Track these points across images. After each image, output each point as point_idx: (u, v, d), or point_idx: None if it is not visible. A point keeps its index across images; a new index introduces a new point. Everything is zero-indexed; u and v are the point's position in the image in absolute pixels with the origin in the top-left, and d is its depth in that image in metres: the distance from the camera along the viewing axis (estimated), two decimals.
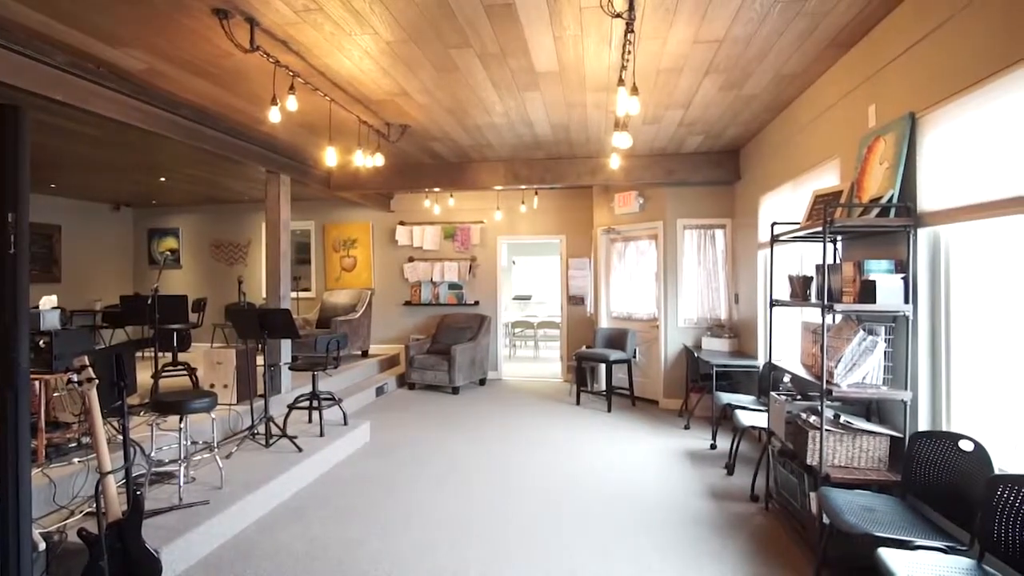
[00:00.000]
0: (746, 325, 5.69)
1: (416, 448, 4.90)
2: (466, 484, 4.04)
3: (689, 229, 6.31)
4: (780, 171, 4.64)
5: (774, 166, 4.80)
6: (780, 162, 4.64)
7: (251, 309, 4.23)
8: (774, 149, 4.79)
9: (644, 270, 6.71)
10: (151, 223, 9.57)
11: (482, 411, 6.24)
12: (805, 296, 3.28)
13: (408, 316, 8.62)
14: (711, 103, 4.32)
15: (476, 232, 8.37)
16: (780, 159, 4.64)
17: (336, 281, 8.85)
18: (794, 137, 4.30)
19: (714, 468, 4.33)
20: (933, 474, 2.37)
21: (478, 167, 6.33)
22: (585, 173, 6.14)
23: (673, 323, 6.32)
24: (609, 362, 6.21)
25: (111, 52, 3.38)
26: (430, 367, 7.25)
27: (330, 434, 4.71)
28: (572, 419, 5.88)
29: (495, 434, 5.31)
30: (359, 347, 7.88)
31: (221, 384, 5.05)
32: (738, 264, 5.99)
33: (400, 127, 4.84)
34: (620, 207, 6.79)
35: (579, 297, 8.11)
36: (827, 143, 3.68)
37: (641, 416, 5.99)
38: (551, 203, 8.20)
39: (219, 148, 4.80)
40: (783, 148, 4.56)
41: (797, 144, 4.24)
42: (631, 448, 4.86)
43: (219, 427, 4.56)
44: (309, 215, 8.95)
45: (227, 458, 4.05)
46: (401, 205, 8.60)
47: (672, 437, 5.21)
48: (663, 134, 5.21)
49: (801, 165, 4.16)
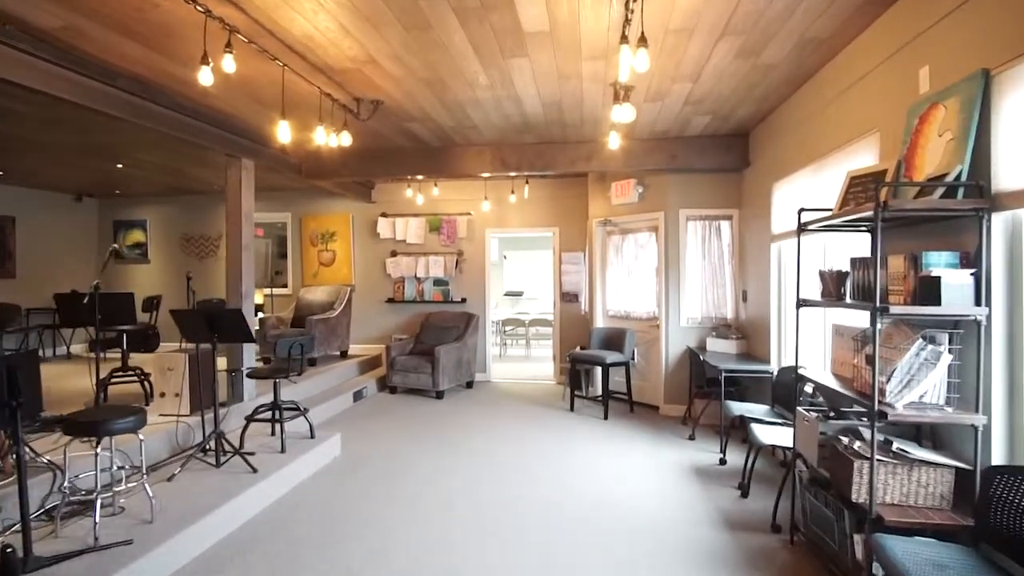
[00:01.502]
0: (755, 325, 5.20)
1: (391, 463, 4.38)
2: (445, 509, 3.52)
3: (693, 220, 5.81)
4: (798, 154, 4.14)
5: (790, 149, 4.29)
6: (798, 144, 4.13)
7: (198, 309, 3.68)
8: (791, 129, 4.28)
9: (643, 265, 6.20)
10: (116, 214, 8.96)
11: (468, 418, 5.72)
12: (839, 295, 2.78)
13: (391, 314, 8.08)
14: (724, 74, 3.81)
15: (463, 224, 7.83)
16: (798, 140, 4.13)
17: (314, 277, 8.29)
18: (817, 114, 3.79)
19: (726, 488, 3.84)
20: (1018, 521, 1.88)
21: (463, 152, 5.79)
22: (579, 159, 5.62)
23: (675, 322, 5.82)
24: (606, 365, 5.70)
25: (17, 4, 2.82)
26: (412, 369, 6.72)
27: (293, 449, 4.18)
28: (565, 428, 5.37)
29: (481, 446, 4.79)
30: (337, 347, 7.34)
31: (173, 393, 4.50)
32: (746, 259, 5.50)
33: (372, 103, 4.30)
34: (617, 197, 6.27)
35: (573, 294, 7.59)
36: (861, 117, 3.18)
37: (640, 424, 5.50)
38: (543, 193, 7.67)
39: (170, 128, 4.24)
40: (802, 127, 4.06)
41: (821, 121, 3.73)
42: (631, 463, 4.36)
43: (166, 443, 4.02)
44: (285, 207, 8.37)
45: (169, 481, 3.51)
46: (383, 196, 8.05)
47: (676, 449, 4.71)
48: (667, 114, 4.69)
49: (826, 145, 3.66)
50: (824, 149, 3.69)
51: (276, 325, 7.25)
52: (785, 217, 4.46)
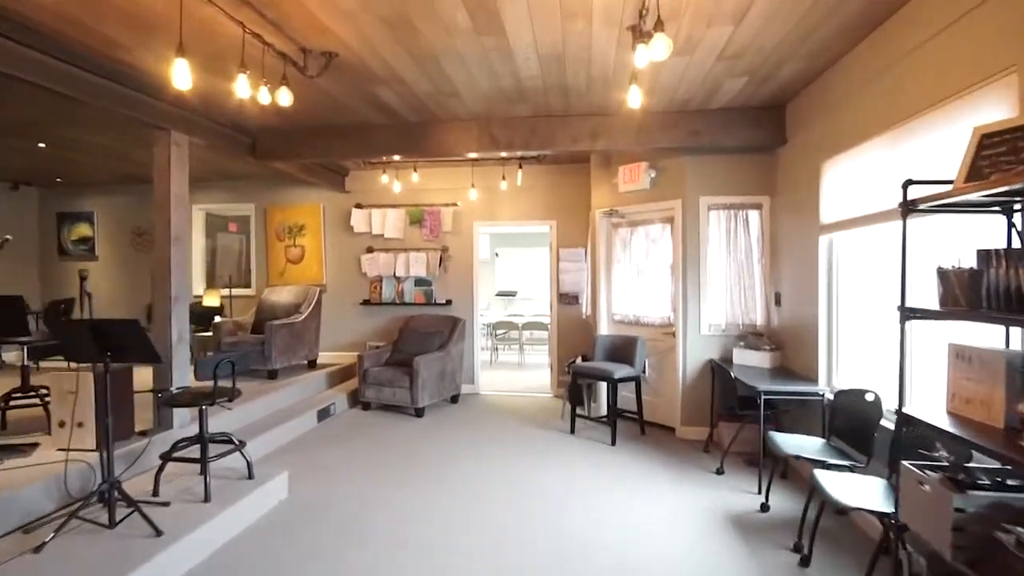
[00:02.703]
0: (793, 335, 4.33)
1: (351, 507, 3.48)
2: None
3: (715, 210, 4.93)
4: (863, 121, 3.27)
5: (850, 116, 3.42)
6: (864, 108, 3.26)
7: (81, 321, 2.76)
8: (852, 91, 3.41)
9: (656, 263, 5.32)
10: (60, 206, 7.98)
11: (450, 443, 4.83)
12: (974, 303, 1.91)
13: (367, 318, 7.16)
14: (775, 15, 2.93)
15: (448, 216, 6.92)
16: (863, 104, 3.26)
17: (280, 276, 7.36)
18: (898, 64, 2.91)
19: (776, 550, 2.96)
20: None
21: (445, 129, 4.88)
22: (583, 136, 4.72)
23: (694, 330, 4.95)
24: (614, 381, 4.82)
25: None
26: (388, 383, 5.81)
27: (223, 496, 3.27)
28: (566, 456, 4.49)
29: (464, 483, 3.90)
30: (304, 356, 6.42)
31: (76, 421, 3.57)
32: (780, 254, 4.63)
33: (323, 56, 3.38)
34: (626, 183, 5.39)
35: (572, 295, 6.71)
36: (984, 54, 2.30)
37: (655, 451, 4.62)
38: (538, 180, 6.78)
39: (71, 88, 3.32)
40: (871, 86, 3.18)
41: (905, 72, 2.85)
42: (650, 509, 3.48)
43: (51, 492, 3.09)
44: (247, 197, 7.43)
45: (37, 552, 2.60)
46: (358, 184, 7.13)
47: (703, 487, 3.84)
48: (693, 74, 3.80)
49: (910, 104, 2.78)
50: (908, 110, 2.82)
51: (233, 331, 6.32)
52: (840, 202, 3.60)
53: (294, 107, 4.40)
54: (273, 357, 5.89)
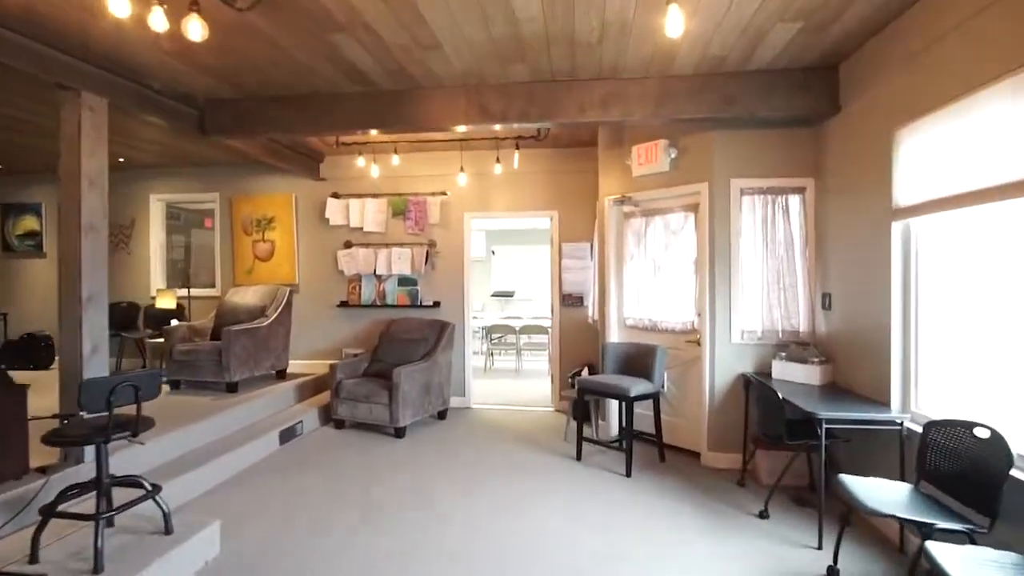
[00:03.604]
0: (848, 345, 3.55)
1: (302, 568, 2.69)
2: None
3: (749, 195, 4.15)
4: (960, 73, 2.48)
5: (940, 68, 2.64)
6: (961, 57, 2.48)
7: None
8: (942, 36, 2.62)
9: (677, 258, 4.54)
10: (4, 196, 7.16)
11: (433, 472, 4.03)
12: None
13: (345, 321, 6.36)
14: None
15: (435, 207, 6.12)
16: (958, 52, 2.48)
17: (248, 274, 6.55)
18: None
19: None
20: None
21: (427, 97, 4.08)
22: (592, 104, 3.93)
23: (723, 337, 4.16)
24: (629, 399, 4.03)
25: None
26: (364, 398, 5.01)
27: (124, 562, 2.47)
28: (572, 492, 3.70)
29: (447, 529, 3.10)
30: (270, 367, 5.61)
31: None
32: (828, 247, 3.85)
33: None
34: (641, 165, 4.60)
35: (577, 296, 5.92)
36: None
37: (680, 485, 3.83)
38: (538, 166, 5.98)
39: None
40: (972, 25, 2.40)
41: None
42: (678, 565, 2.69)
43: None
44: (210, 186, 6.61)
45: None
46: (334, 170, 6.32)
47: (746, 537, 3.06)
48: (733, 22, 3.02)
49: None
50: None
51: (188, 337, 5.51)
52: (923, 179, 2.82)
53: (237, 67, 3.61)
54: (231, 368, 5.08)
